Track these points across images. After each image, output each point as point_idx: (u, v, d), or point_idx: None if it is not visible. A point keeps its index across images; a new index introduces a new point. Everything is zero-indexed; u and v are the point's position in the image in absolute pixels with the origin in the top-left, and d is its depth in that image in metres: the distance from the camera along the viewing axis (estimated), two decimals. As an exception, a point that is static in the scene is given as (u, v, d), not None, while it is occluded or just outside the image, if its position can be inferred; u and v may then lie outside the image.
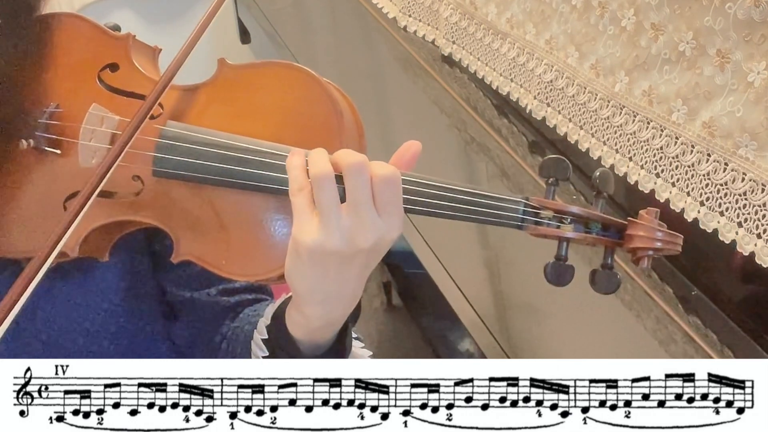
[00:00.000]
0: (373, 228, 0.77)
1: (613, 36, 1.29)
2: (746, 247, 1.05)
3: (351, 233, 0.76)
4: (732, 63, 1.06)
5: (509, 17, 1.57)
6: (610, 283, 0.81)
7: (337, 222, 0.76)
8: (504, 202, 0.82)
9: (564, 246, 0.82)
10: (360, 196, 0.76)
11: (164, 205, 0.90)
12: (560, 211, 0.82)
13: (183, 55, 0.91)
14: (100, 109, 0.91)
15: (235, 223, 0.88)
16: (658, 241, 0.80)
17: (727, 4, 1.05)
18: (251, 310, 1.02)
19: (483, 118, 1.63)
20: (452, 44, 1.78)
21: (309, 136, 0.87)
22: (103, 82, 0.94)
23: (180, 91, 0.93)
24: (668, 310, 1.14)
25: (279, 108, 0.90)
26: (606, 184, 0.82)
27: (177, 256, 0.90)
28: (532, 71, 1.51)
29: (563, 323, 1.17)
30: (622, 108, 1.28)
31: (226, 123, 0.89)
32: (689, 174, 1.15)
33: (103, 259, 0.94)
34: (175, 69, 0.90)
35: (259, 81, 0.92)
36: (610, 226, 0.82)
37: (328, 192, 0.76)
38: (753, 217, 1.04)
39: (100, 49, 0.96)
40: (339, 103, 0.89)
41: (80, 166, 0.90)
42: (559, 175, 0.83)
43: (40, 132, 0.91)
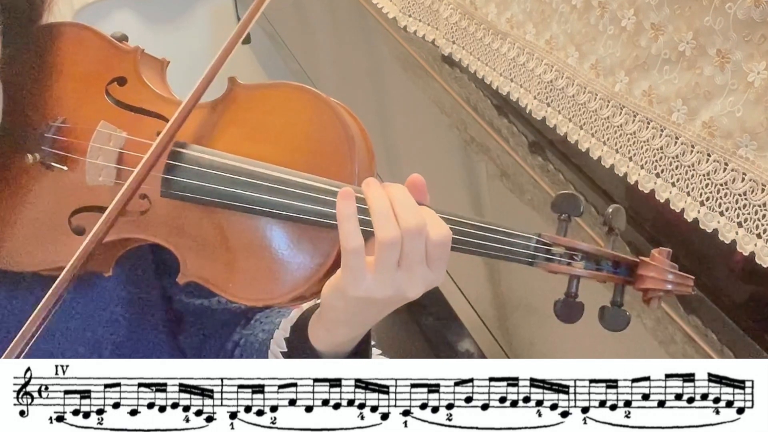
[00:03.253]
0: (424, 282, 0.79)
1: (613, 36, 1.29)
2: (746, 247, 1.05)
3: (402, 287, 0.78)
4: (732, 63, 1.06)
5: (509, 17, 1.57)
6: (619, 320, 0.82)
7: (392, 277, 0.77)
8: (515, 237, 0.82)
9: (574, 283, 0.82)
10: (416, 257, 0.77)
11: (171, 225, 0.89)
12: (572, 248, 0.82)
13: (206, 82, 0.89)
14: (109, 127, 0.90)
15: (242, 247, 0.87)
16: (669, 283, 0.81)
17: (727, 4, 1.05)
18: (263, 316, 1.01)
19: (483, 118, 1.63)
20: (452, 44, 1.78)
21: (320, 161, 0.86)
22: (111, 96, 0.93)
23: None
24: (668, 310, 1.14)
25: (290, 131, 0.89)
26: (618, 221, 0.82)
27: (183, 276, 0.89)
28: (532, 71, 1.51)
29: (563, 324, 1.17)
30: (622, 108, 1.28)
31: (236, 145, 0.88)
32: (689, 174, 1.15)
33: (107, 273, 0.93)
34: (198, 95, 0.88)
35: (270, 103, 0.91)
36: (621, 264, 0.83)
37: (394, 255, 0.76)
38: (753, 217, 1.04)
39: (108, 61, 0.95)
40: (351, 128, 0.87)
41: (86, 183, 0.90)
42: (571, 212, 0.83)
43: (46, 146, 0.90)
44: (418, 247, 0.77)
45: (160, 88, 0.94)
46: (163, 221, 0.89)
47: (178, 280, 0.89)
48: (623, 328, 0.82)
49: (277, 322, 0.96)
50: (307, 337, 0.86)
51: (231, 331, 1.02)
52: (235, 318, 1.02)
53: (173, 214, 0.89)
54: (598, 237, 1.24)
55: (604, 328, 0.82)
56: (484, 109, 1.67)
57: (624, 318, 0.82)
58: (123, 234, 0.90)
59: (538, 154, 1.51)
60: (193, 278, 0.89)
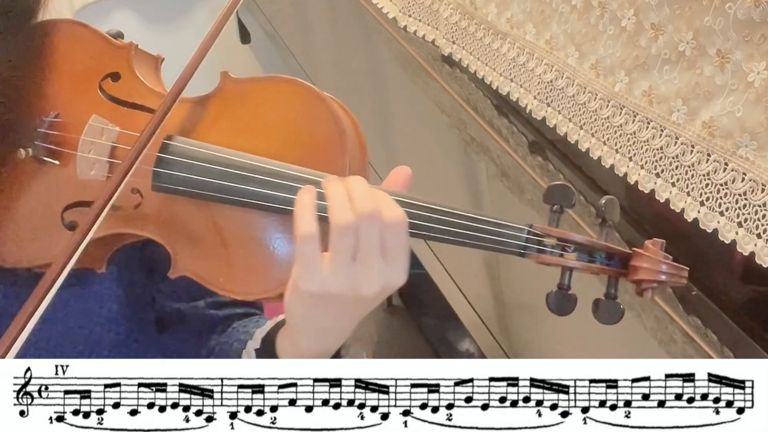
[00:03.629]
0: (380, 276, 0.76)
1: (613, 36, 1.29)
2: (746, 247, 1.05)
3: (358, 281, 0.75)
4: (732, 63, 1.06)
5: (509, 17, 1.57)
6: (613, 313, 0.81)
7: (346, 268, 0.75)
8: (506, 228, 0.81)
9: (567, 275, 0.82)
10: (372, 247, 0.75)
11: (163, 220, 0.89)
12: (564, 239, 0.81)
13: (190, 70, 0.89)
14: (101, 121, 0.90)
15: (234, 241, 0.87)
16: (663, 273, 0.80)
17: (727, 4, 1.05)
18: (241, 325, 1.01)
19: (483, 118, 1.63)
20: (452, 44, 1.78)
21: (311, 154, 0.86)
22: (105, 91, 0.93)
23: (181, 103, 0.91)
24: (668, 310, 1.14)
25: (281, 124, 0.89)
26: (612, 213, 0.82)
27: (174, 271, 0.89)
28: (532, 71, 1.51)
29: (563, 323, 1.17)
30: (622, 108, 1.28)
31: (227, 138, 0.88)
32: (689, 174, 1.15)
33: (100, 270, 0.93)
34: (182, 84, 0.88)
35: (261, 96, 0.91)
36: (615, 256, 0.82)
37: (348, 241, 0.75)
38: (753, 217, 1.04)
39: (102, 57, 0.95)
40: (342, 121, 0.87)
41: (78, 177, 0.90)
42: (564, 203, 0.82)
43: (39, 141, 0.90)
44: (373, 233, 0.75)
45: (154, 84, 0.94)
46: (155, 215, 0.89)
47: (170, 275, 0.89)
48: (617, 321, 0.81)
49: (253, 332, 0.95)
50: (275, 349, 0.86)
51: (207, 337, 1.01)
52: (212, 325, 1.01)
53: (165, 209, 0.89)
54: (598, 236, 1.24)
55: (598, 321, 0.81)
56: (484, 109, 1.67)
57: (618, 311, 0.81)
58: (115, 229, 0.90)
59: (538, 154, 1.52)
60: (184, 273, 0.89)
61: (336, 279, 0.75)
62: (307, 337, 0.82)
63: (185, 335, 1.02)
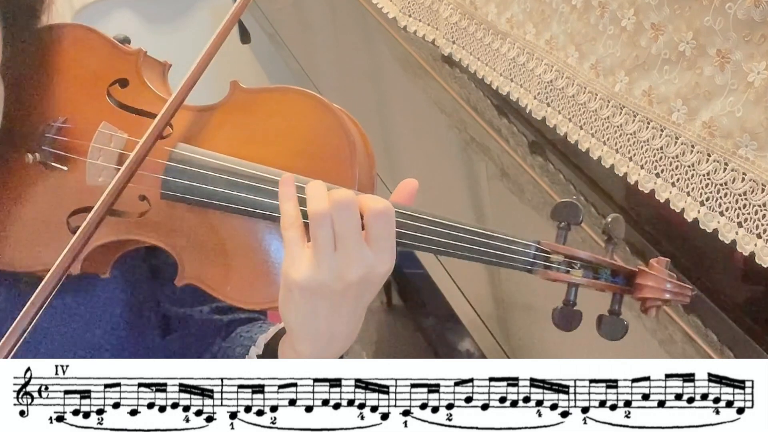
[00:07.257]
0: (361, 261, 0.77)
1: (613, 36, 1.29)
2: (746, 247, 1.05)
3: (339, 269, 0.77)
4: (732, 63, 1.06)
5: (509, 17, 1.57)
6: (617, 329, 0.82)
7: (329, 257, 0.77)
8: (515, 244, 0.82)
9: (573, 291, 0.82)
10: (346, 231, 0.77)
11: (170, 227, 0.89)
12: (570, 257, 0.82)
13: (195, 76, 0.89)
14: (110, 128, 0.90)
15: (241, 250, 0.88)
16: (667, 292, 0.81)
17: (727, 4, 1.05)
18: (244, 330, 1.01)
19: (483, 118, 1.63)
20: (452, 44, 1.78)
21: (321, 165, 0.86)
22: (113, 98, 0.93)
23: (190, 112, 0.92)
24: (668, 310, 1.14)
25: (291, 135, 0.89)
26: (617, 230, 0.83)
27: (181, 279, 0.89)
28: (532, 71, 1.51)
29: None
30: (622, 108, 1.28)
31: (237, 148, 0.88)
32: (689, 174, 1.15)
33: (105, 275, 0.93)
34: (187, 90, 0.88)
35: (272, 107, 0.91)
36: (620, 273, 0.83)
37: (325, 229, 0.77)
38: (753, 217, 1.04)
39: (110, 63, 0.95)
40: (351, 133, 0.88)
41: (86, 183, 0.90)
42: (571, 220, 0.83)
43: (46, 146, 0.90)
44: (348, 220, 0.77)
45: (161, 91, 0.94)
46: (162, 223, 0.89)
47: (176, 282, 0.89)
48: (621, 337, 0.82)
49: (256, 338, 0.95)
50: (277, 355, 0.87)
51: (210, 342, 1.02)
52: (215, 330, 1.02)
53: (172, 217, 0.89)
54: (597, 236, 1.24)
55: (601, 337, 0.82)
56: (484, 109, 1.66)
57: (622, 327, 0.82)
58: (121, 236, 0.90)
59: (538, 154, 1.51)
60: (191, 281, 0.89)
61: (320, 268, 0.77)
62: (304, 342, 0.82)
63: (188, 340, 1.02)
